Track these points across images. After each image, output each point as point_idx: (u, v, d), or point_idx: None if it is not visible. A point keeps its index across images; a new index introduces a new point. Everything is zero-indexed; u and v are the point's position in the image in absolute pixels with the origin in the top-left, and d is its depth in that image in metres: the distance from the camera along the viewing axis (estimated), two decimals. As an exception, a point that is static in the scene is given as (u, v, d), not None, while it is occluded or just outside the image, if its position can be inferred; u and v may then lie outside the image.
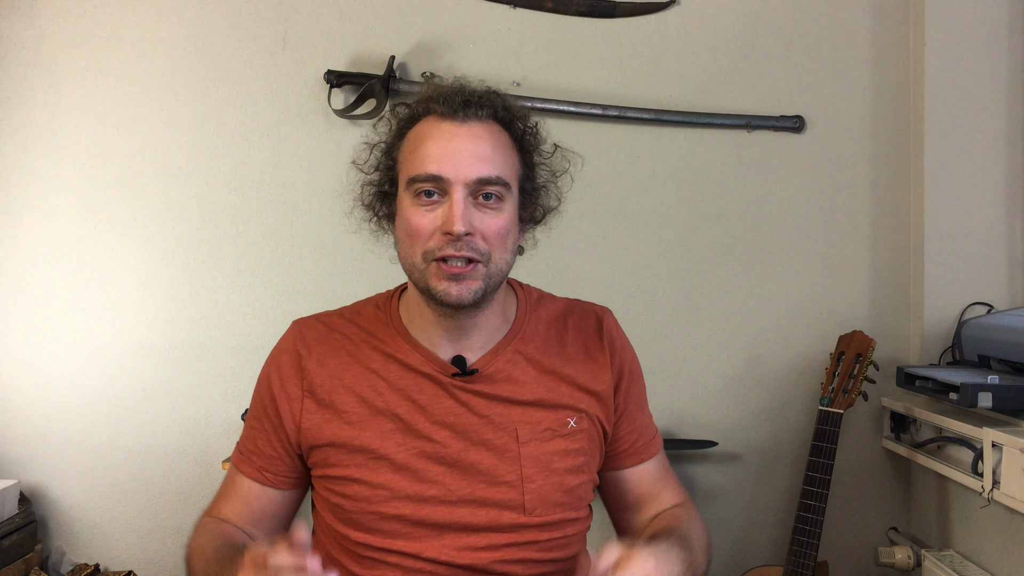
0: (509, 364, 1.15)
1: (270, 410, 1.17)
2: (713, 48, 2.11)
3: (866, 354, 1.87)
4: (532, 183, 1.15)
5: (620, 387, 1.21)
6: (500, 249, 1.08)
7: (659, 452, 1.25)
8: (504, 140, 1.11)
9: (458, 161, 1.05)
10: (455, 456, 1.11)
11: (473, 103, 1.09)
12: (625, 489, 1.24)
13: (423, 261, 1.07)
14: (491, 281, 1.08)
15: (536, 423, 1.13)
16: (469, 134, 1.07)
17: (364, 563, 1.12)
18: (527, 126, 1.15)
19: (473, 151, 1.06)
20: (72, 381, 2.07)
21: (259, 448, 1.17)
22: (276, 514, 1.18)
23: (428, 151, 1.07)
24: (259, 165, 2.09)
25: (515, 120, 1.13)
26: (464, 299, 1.06)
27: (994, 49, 2.01)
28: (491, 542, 1.11)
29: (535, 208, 1.17)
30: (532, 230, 1.21)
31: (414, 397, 1.13)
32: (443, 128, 1.08)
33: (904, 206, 2.10)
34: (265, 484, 1.17)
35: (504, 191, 1.08)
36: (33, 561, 1.96)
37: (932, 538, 1.98)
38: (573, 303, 1.26)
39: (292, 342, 1.18)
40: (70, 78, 2.07)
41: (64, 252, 2.07)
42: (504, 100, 1.13)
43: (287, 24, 2.08)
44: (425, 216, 1.06)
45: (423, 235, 1.06)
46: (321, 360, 1.16)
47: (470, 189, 1.05)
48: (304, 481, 1.19)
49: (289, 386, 1.16)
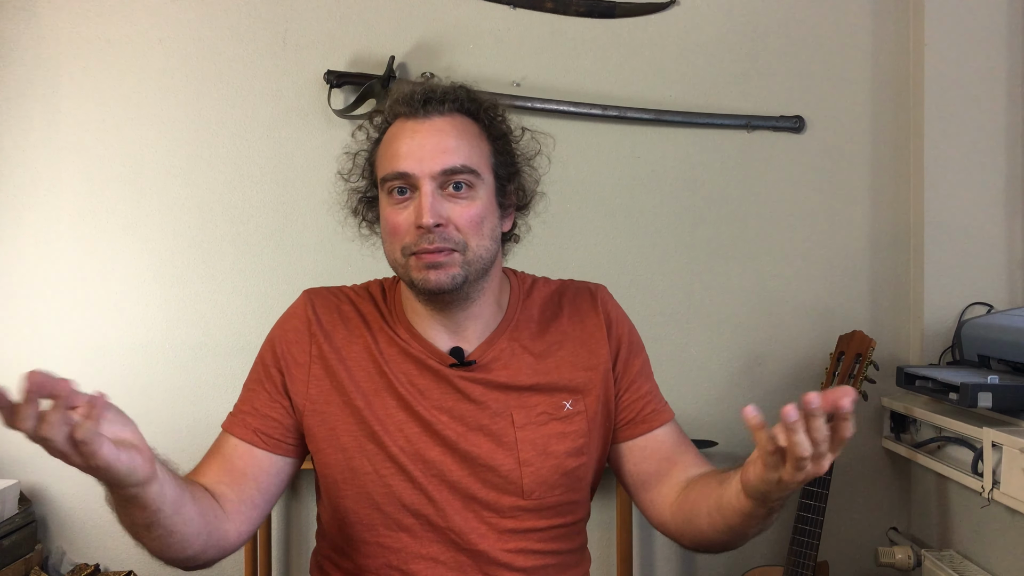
0: (505, 351, 1.16)
1: (274, 371, 1.16)
2: (713, 48, 2.11)
3: (866, 354, 1.87)
4: (507, 168, 1.16)
5: (619, 357, 1.21)
6: (476, 236, 1.09)
7: (671, 421, 1.22)
8: (470, 130, 1.12)
9: (422, 156, 1.08)
10: (455, 440, 1.12)
11: (434, 99, 1.11)
12: (641, 459, 1.19)
13: (403, 256, 1.09)
14: (471, 268, 1.09)
15: (532, 407, 1.14)
16: (431, 128, 1.10)
17: (368, 549, 1.13)
18: (496, 115, 1.17)
19: (436, 144, 1.08)
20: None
21: (257, 409, 1.15)
22: (261, 480, 1.12)
23: (396, 150, 1.10)
24: (259, 165, 2.09)
25: (481, 109, 1.15)
26: (443, 285, 1.07)
27: (994, 49, 2.01)
28: (492, 527, 1.11)
29: (515, 193, 1.18)
30: (524, 217, 1.22)
31: (414, 380, 1.14)
32: (407, 127, 1.11)
33: (904, 206, 2.10)
34: (256, 446, 1.13)
35: (474, 179, 1.10)
36: (33, 561, 1.96)
37: (932, 538, 1.98)
38: (567, 283, 1.27)
39: (303, 308, 1.19)
40: (70, 78, 2.07)
41: (64, 252, 2.07)
42: (468, 92, 1.15)
43: (287, 24, 2.08)
44: (400, 213, 1.09)
45: (400, 231, 1.09)
46: (330, 330, 1.17)
47: (437, 181, 1.07)
48: (297, 451, 1.17)
49: (296, 351, 1.16)
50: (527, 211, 1.22)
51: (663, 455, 1.19)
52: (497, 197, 1.14)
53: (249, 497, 1.11)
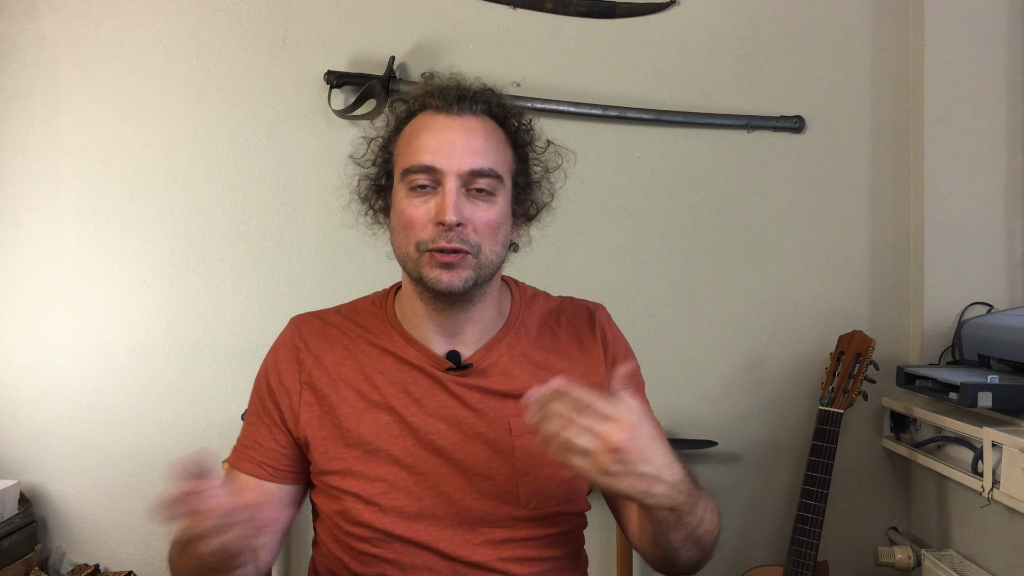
0: (503, 359, 1.16)
1: (270, 404, 1.17)
2: (713, 48, 2.11)
3: (866, 354, 1.87)
4: (526, 178, 1.17)
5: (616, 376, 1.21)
6: (491, 242, 1.09)
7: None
8: (498, 135, 1.12)
9: (451, 152, 1.07)
10: (450, 449, 1.11)
11: (468, 98, 1.11)
12: None
13: (416, 251, 1.08)
14: (481, 272, 1.09)
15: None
16: (463, 127, 1.09)
17: (364, 560, 1.12)
18: (521, 122, 1.17)
19: (467, 143, 1.07)
20: (72, 381, 2.07)
21: (259, 443, 1.17)
22: (278, 510, 1.16)
23: (423, 143, 1.08)
24: (259, 165, 2.09)
25: (509, 116, 1.15)
26: (455, 287, 1.07)
27: (994, 49, 2.01)
28: (488, 537, 1.11)
29: (529, 203, 1.18)
30: (527, 227, 1.22)
31: (410, 390, 1.14)
32: (438, 121, 1.10)
33: (904, 206, 2.10)
34: (264, 479, 1.16)
35: (497, 184, 1.09)
36: (33, 561, 1.96)
37: (932, 538, 1.98)
38: (566, 300, 1.27)
39: (290, 337, 1.19)
40: (70, 78, 2.07)
41: (64, 252, 2.07)
42: (499, 97, 1.14)
43: (287, 24, 2.09)
44: (419, 207, 1.08)
45: (417, 225, 1.08)
46: (318, 355, 1.17)
47: (463, 180, 1.07)
48: (303, 477, 1.19)
49: (287, 380, 1.16)
50: (533, 222, 1.23)
51: None
52: (512, 205, 1.14)
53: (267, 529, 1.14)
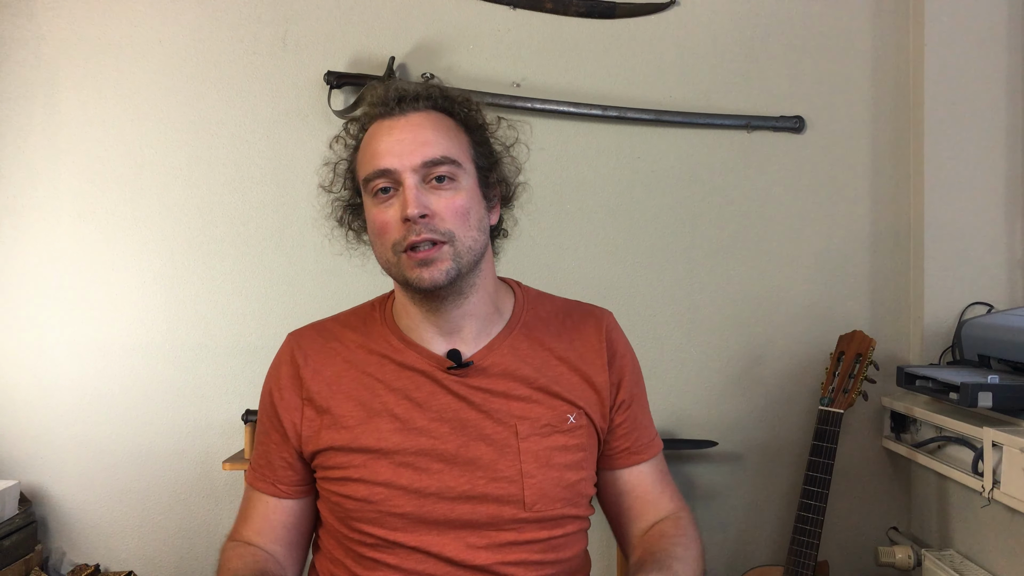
0: (506, 358, 1.16)
1: (275, 422, 1.18)
2: (713, 48, 2.11)
3: (866, 354, 1.87)
4: (487, 159, 1.17)
5: (622, 385, 1.21)
6: (463, 227, 1.09)
7: (658, 455, 1.25)
8: (446, 123, 1.13)
9: (402, 151, 1.08)
10: (454, 452, 1.11)
11: (408, 97, 1.12)
12: (623, 492, 1.23)
13: (394, 254, 1.09)
14: (461, 261, 1.09)
15: (536, 418, 1.13)
16: (408, 124, 1.10)
17: (366, 564, 1.12)
18: (470, 107, 1.18)
19: (415, 138, 1.09)
20: (72, 381, 2.07)
21: (271, 462, 1.18)
22: (296, 526, 1.20)
23: (375, 149, 1.10)
24: (259, 165, 2.09)
25: (455, 104, 1.16)
26: (438, 280, 1.07)
27: (994, 49, 2.01)
28: (492, 541, 1.11)
29: (498, 183, 1.18)
30: (508, 210, 1.23)
31: (411, 395, 1.13)
32: (385, 126, 1.11)
33: (904, 206, 2.10)
34: (281, 497, 1.18)
35: (455, 170, 1.10)
36: (33, 562, 1.96)
37: (932, 538, 1.98)
38: (572, 304, 1.27)
39: (289, 354, 1.20)
40: (70, 78, 2.07)
41: (64, 252, 2.08)
42: (440, 89, 1.16)
43: (287, 25, 2.09)
44: (386, 211, 1.09)
45: (388, 229, 1.09)
46: (318, 368, 1.17)
47: (420, 174, 1.08)
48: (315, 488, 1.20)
49: (288, 396, 1.17)
50: (512, 203, 1.23)
51: (642, 492, 1.23)
52: (481, 188, 1.15)
53: (295, 541, 1.21)
